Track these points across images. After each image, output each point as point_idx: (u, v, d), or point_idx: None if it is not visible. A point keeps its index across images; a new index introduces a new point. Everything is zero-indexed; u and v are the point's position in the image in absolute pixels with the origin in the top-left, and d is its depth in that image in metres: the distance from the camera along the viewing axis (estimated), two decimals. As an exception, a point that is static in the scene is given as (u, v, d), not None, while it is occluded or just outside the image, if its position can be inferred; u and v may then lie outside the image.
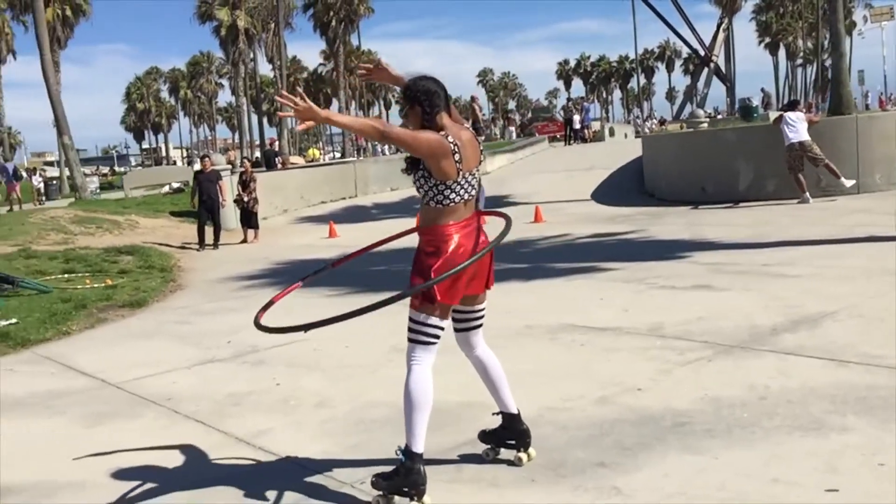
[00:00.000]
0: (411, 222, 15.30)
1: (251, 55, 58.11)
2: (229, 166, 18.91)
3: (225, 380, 5.90)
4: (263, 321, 3.75)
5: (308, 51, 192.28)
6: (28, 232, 15.87)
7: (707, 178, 16.00)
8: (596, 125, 35.14)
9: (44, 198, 31.57)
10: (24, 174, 36.15)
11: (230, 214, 16.99)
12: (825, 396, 4.42)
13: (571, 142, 30.38)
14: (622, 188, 19.45)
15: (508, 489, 3.68)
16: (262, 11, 53.80)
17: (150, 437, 4.70)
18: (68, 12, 41.64)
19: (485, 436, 4.03)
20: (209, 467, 4.20)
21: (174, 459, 4.37)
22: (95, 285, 10.42)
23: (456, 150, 3.49)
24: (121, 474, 4.15)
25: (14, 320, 8.34)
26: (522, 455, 3.90)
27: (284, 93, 3.33)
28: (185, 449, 4.50)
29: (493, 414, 4.02)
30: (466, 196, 3.58)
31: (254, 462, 4.23)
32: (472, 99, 28.83)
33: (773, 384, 4.71)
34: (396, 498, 3.54)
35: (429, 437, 4.28)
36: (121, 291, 9.96)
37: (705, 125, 23.45)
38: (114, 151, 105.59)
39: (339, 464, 4.11)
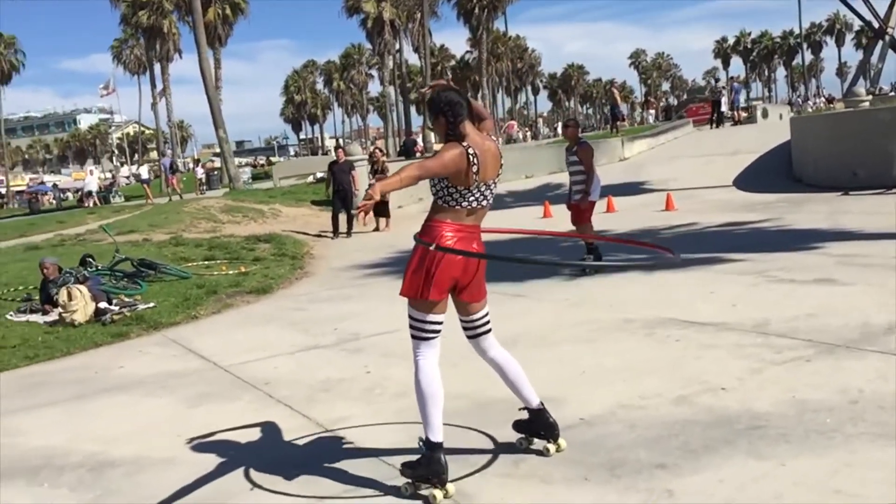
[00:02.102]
0: (541, 210, 15.27)
1: (397, 46, 59.33)
2: (365, 156, 19.45)
3: (321, 366, 6.15)
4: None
5: (455, 39, 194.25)
6: (182, 220, 17.07)
7: (859, 162, 14.94)
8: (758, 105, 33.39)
9: (205, 187, 33.63)
10: (182, 166, 38.53)
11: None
12: (922, 404, 4.10)
13: (718, 124, 29.12)
14: (767, 174, 18.53)
15: (559, 486, 3.67)
16: (408, 2, 54.77)
17: (241, 420, 5.00)
18: (228, 11, 44.14)
19: (518, 426, 4.13)
20: (283, 450, 4.43)
21: (254, 441, 4.64)
22: (230, 272, 11.07)
23: (475, 161, 3.60)
24: (203, 453, 4.45)
25: (152, 304, 9.03)
26: (551, 446, 3.99)
27: (360, 207, 3.56)
28: (268, 432, 4.76)
29: (519, 409, 4.09)
30: (475, 204, 3.68)
31: (325, 447, 4.42)
32: (611, 84, 28.23)
33: (867, 388, 4.42)
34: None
35: (494, 429, 4.35)
36: (251, 278, 10.54)
37: (866, 104, 21.85)
38: (274, 142, 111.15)
39: (404, 453, 4.20)
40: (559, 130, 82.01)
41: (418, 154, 27.69)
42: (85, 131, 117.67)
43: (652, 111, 39.29)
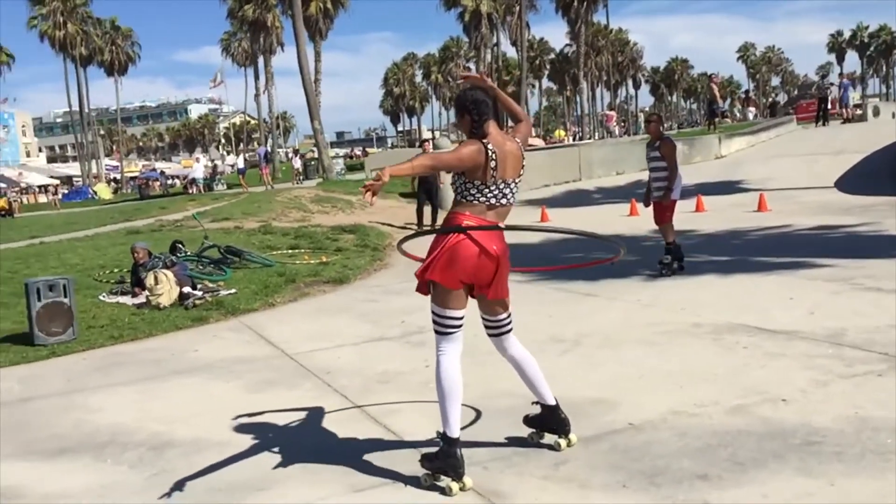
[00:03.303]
0: (628, 208, 14.98)
1: (494, 39, 59.20)
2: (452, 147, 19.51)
3: (383, 358, 6.24)
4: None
5: (555, 32, 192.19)
6: (273, 210, 17.56)
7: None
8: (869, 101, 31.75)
9: (302, 177, 34.45)
10: (284, 156, 39.39)
11: (448, 196, 17.58)
12: None
13: (824, 122, 27.86)
14: (873, 175, 17.60)
15: (596, 492, 3.61)
16: (507, -5, 54.66)
17: (298, 407, 5.12)
18: (329, 5, 45.02)
19: (529, 420, 4.20)
20: (330, 440, 4.51)
21: (305, 429, 4.76)
22: (311, 261, 11.33)
23: (493, 157, 3.67)
24: (255, 438, 4.59)
25: (233, 290, 9.34)
26: (562, 441, 4.08)
27: (366, 186, 3.58)
28: (320, 421, 4.86)
29: (533, 403, 4.15)
30: (493, 200, 3.74)
31: (371, 439, 4.48)
32: (710, 78, 27.38)
33: (939, 408, 4.17)
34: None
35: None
36: (330, 268, 10.75)
37: None
38: (373, 133, 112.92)
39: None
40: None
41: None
42: (195, 121, 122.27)
43: (752, 108, 37.88)
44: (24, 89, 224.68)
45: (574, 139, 49.29)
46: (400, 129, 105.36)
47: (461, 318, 3.81)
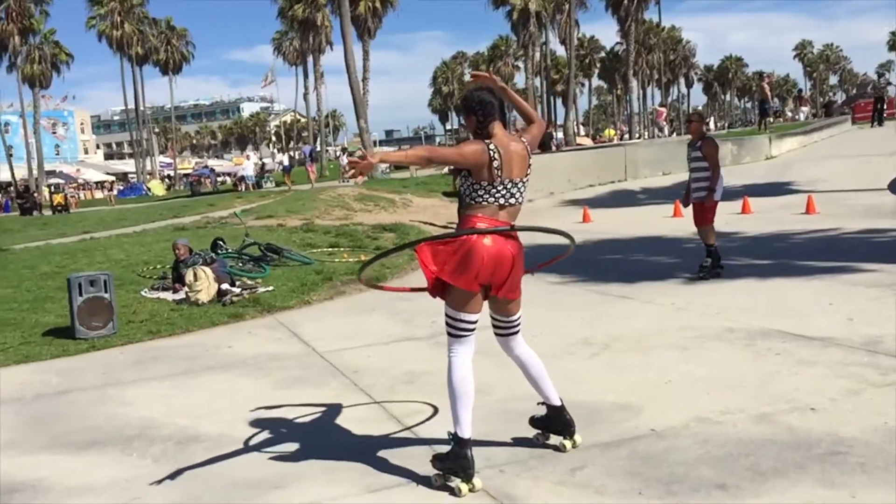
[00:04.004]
0: (671, 209, 14.76)
1: (543, 38, 58.84)
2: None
3: (411, 358, 6.25)
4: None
5: (606, 30, 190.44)
6: (317, 207, 17.71)
7: None
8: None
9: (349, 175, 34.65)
10: (332, 154, 39.80)
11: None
12: None
13: (880, 123, 27.13)
14: (928, 177, 17.11)
15: (610, 498, 3.57)
16: (556, -7, 54.31)
17: (322, 406, 5.17)
18: (377, 4, 45.29)
19: (535, 422, 4.22)
20: (351, 439, 4.54)
21: (327, 428, 4.79)
22: (350, 259, 11.41)
23: (496, 157, 3.69)
24: (277, 436, 4.66)
25: (271, 288, 9.46)
26: (567, 442, 4.09)
27: (350, 161, 3.58)
28: (342, 420, 4.90)
29: (538, 404, 4.17)
30: (502, 200, 3.75)
31: (392, 439, 4.50)
32: (761, 77, 26.84)
33: (974, 420, 4.03)
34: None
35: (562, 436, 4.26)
36: (368, 268, 10.77)
37: None
38: (422, 132, 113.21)
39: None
40: (711, 124, 78.78)
41: (554, 149, 27.41)
42: (246, 119, 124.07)
43: (804, 108, 36.99)
44: (84, 88, 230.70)
45: (621, 138, 48.76)
46: (448, 127, 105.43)
47: (475, 322, 3.83)
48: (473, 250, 3.68)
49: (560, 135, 45.81)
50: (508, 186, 3.76)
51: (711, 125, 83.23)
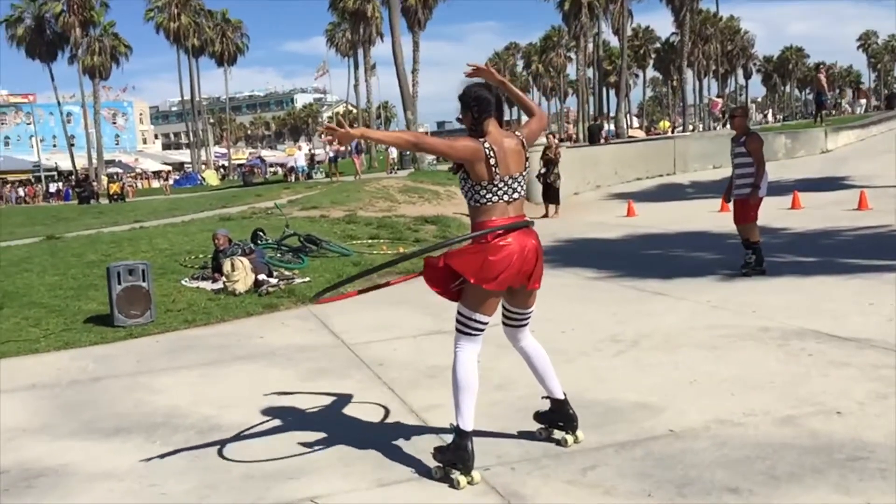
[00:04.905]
0: (719, 203, 14.54)
1: (594, 28, 58.13)
2: (543, 142, 19.32)
3: (436, 352, 6.23)
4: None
5: (662, 20, 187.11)
6: (361, 199, 17.84)
7: None
8: None
9: (397, 167, 34.81)
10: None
11: (536, 189, 17.43)
12: None
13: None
14: None
15: (619, 499, 3.53)
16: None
17: (344, 398, 5.20)
18: (428, -6, 45.25)
19: (538, 416, 4.25)
20: (368, 432, 4.55)
21: (345, 420, 4.82)
22: (388, 252, 11.44)
23: (492, 154, 3.69)
24: (295, 426, 4.70)
25: (307, 279, 9.54)
26: (569, 437, 4.11)
27: (327, 125, 3.64)
28: (361, 412, 4.92)
29: (543, 398, 4.20)
30: (506, 197, 3.75)
31: (409, 433, 4.50)
32: (818, 69, 26.12)
33: None
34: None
35: (586, 431, 4.21)
36: (406, 261, 10.80)
37: None
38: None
39: (479, 447, 4.15)
40: (769, 117, 76.72)
41: (602, 141, 27.10)
42: (300, 110, 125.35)
43: (863, 100, 35.87)
44: (142, 79, 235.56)
45: (673, 131, 48.01)
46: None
47: (487, 323, 3.86)
48: (502, 251, 3.70)
49: (612, 126, 45.26)
50: (508, 182, 3.77)
51: (770, 117, 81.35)
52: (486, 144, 3.71)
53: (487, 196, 3.74)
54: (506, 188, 3.75)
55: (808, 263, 9.03)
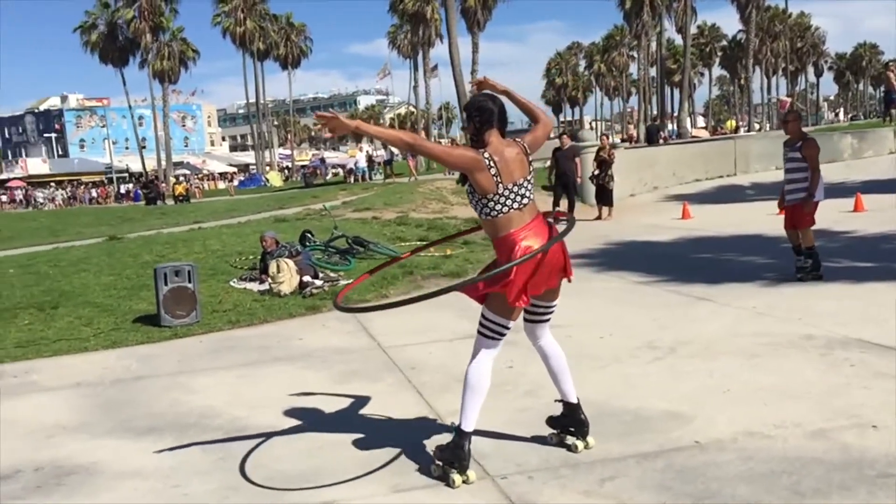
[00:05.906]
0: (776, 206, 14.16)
1: (657, 27, 57.17)
2: (597, 143, 19.12)
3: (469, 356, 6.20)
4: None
5: (729, 18, 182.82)
6: (414, 200, 17.91)
7: None
8: None
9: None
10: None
11: (589, 190, 17.25)
12: None
13: None
14: None
15: (633, 512, 3.45)
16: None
17: (374, 401, 5.22)
18: (488, -4, 45.22)
19: (551, 421, 4.24)
20: (393, 436, 4.54)
21: (371, 424, 4.83)
22: (436, 254, 11.45)
23: (492, 164, 3.68)
24: (321, 429, 4.74)
25: (352, 280, 9.60)
26: (579, 443, 4.09)
27: (319, 113, 3.64)
28: (389, 416, 4.93)
29: (556, 401, 4.18)
30: (516, 205, 3.74)
31: (432, 438, 4.47)
32: (887, 67, 25.21)
33: None
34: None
35: (604, 443, 4.15)
36: (451, 262, 10.82)
37: None
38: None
39: (501, 454, 4.19)
40: (840, 115, 74.36)
41: (661, 142, 26.63)
42: (362, 112, 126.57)
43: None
44: (210, 82, 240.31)
45: (737, 131, 46.94)
46: (561, 119, 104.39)
47: (510, 328, 3.93)
48: (531, 260, 3.69)
49: (674, 126, 44.47)
50: (514, 189, 3.76)
51: (841, 116, 78.72)
52: (487, 154, 3.72)
53: (497, 208, 3.74)
54: (514, 196, 3.74)
55: (864, 269, 8.71)
